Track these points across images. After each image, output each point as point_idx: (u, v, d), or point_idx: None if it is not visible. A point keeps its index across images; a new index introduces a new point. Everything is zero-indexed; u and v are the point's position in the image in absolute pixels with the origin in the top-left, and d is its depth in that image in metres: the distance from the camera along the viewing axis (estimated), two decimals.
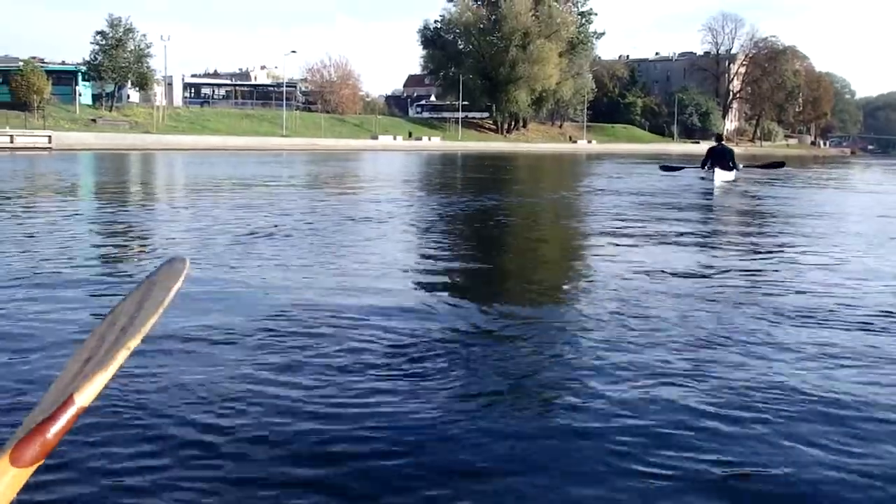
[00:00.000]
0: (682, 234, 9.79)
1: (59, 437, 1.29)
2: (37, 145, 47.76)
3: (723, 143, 23.09)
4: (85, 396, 1.30)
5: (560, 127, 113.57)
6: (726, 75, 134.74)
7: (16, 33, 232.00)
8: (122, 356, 1.33)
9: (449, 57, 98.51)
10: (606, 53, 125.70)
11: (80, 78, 65.84)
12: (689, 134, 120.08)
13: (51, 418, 1.28)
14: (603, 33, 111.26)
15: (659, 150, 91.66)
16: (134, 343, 1.34)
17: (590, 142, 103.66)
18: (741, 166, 22.79)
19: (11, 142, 47.04)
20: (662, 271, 6.71)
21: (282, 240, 8.53)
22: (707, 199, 16.70)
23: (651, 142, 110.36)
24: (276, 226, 9.79)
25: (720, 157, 21.28)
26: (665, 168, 25.84)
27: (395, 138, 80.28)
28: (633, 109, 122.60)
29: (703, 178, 21.00)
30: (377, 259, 7.27)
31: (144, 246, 8.22)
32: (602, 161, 49.01)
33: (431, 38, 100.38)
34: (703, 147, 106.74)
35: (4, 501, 1.27)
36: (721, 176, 20.09)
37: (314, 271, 6.55)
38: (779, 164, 28.08)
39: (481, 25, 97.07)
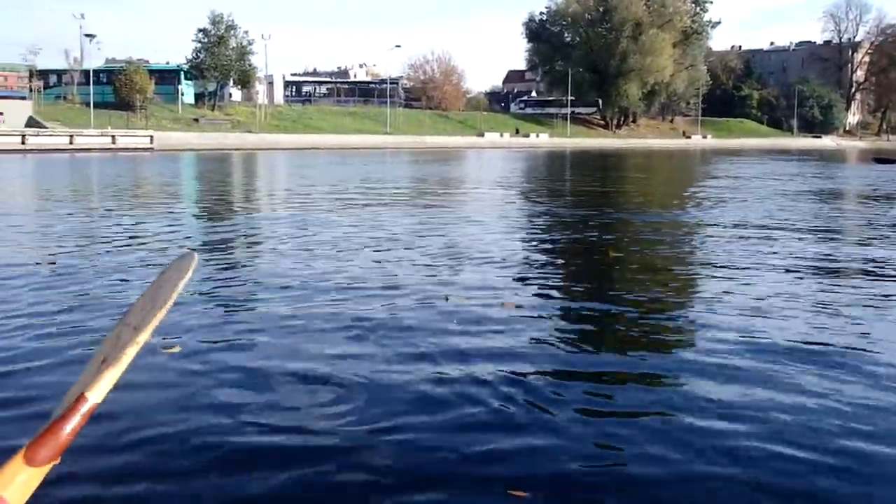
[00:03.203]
0: None
1: (73, 435, 1.29)
2: (138, 146, 46.48)
3: None
4: (96, 393, 1.31)
5: (671, 122, 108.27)
6: (849, 65, 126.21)
7: (122, 37, 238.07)
8: (131, 352, 1.34)
9: (555, 50, 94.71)
10: (718, 44, 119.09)
11: (182, 77, 64.82)
12: (809, 128, 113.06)
13: (63, 418, 1.29)
14: (718, 22, 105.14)
15: (781, 145, 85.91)
16: (143, 338, 1.36)
17: (705, 137, 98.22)
18: None
19: (113, 142, 45.84)
20: None
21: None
22: None
23: (769, 136, 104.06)
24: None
25: None
26: (880, 161, 22.97)
27: (501, 135, 77.10)
28: (749, 102, 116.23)
29: None
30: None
31: None
32: (733, 158, 44.20)
33: (537, 31, 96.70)
34: (825, 142, 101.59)
35: (20, 501, 1.26)
36: None
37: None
38: None
39: (589, 16, 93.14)
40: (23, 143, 41.68)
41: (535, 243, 8.56)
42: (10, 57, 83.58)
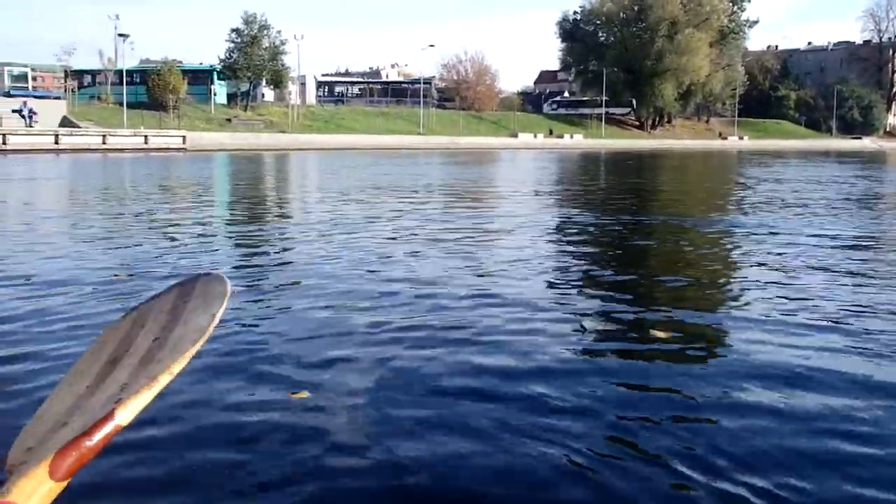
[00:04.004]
0: None
1: (96, 452, 1.26)
2: (171, 146, 46.25)
3: None
4: (126, 415, 1.27)
5: (707, 122, 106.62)
6: (890, 65, 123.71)
7: (156, 38, 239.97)
8: (165, 379, 1.31)
9: (589, 50, 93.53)
10: (754, 44, 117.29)
11: (215, 77, 64.60)
12: (849, 129, 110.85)
13: (89, 433, 1.25)
14: (756, 21, 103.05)
15: (820, 147, 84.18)
16: (177, 367, 1.33)
17: (741, 138, 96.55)
18: None
19: (146, 142, 45.60)
20: None
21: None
22: None
23: (807, 137, 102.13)
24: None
25: None
26: None
27: (535, 136, 76.21)
28: (786, 103, 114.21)
29: None
30: None
31: None
32: (777, 160, 43.02)
33: (571, 31, 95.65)
34: (864, 143, 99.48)
35: None
36: None
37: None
38: None
39: (624, 15, 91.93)
40: (56, 142, 41.48)
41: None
42: (47, 58, 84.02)
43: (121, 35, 58.30)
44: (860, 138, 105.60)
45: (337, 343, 3.88)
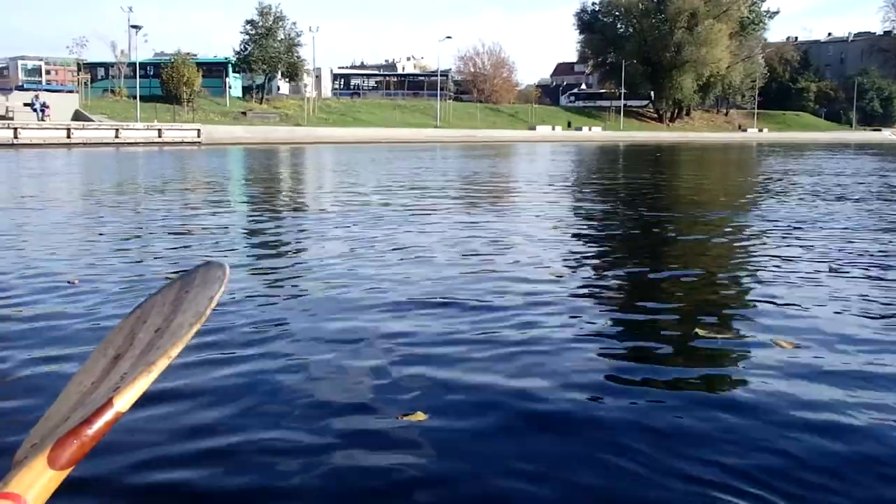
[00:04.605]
0: None
1: (97, 440, 1.27)
2: (185, 139, 45.49)
3: None
4: (124, 402, 1.28)
5: (726, 115, 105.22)
6: None
7: (170, 31, 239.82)
8: (162, 364, 1.32)
9: (608, 41, 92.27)
10: (773, 35, 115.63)
11: (230, 70, 63.83)
12: (869, 121, 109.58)
13: (88, 422, 1.26)
14: (777, 12, 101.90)
15: (841, 139, 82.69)
16: (175, 351, 1.33)
17: (761, 130, 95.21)
18: None
19: (159, 136, 44.87)
20: None
21: None
22: None
23: (827, 130, 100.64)
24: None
25: None
26: None
27: (553, 128, 75.19)
28: (806, 95, 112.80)
29: None
30: None
31: None
32: (799, 152, 41.89)
33: (589, 22, 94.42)
34: (885, 135, 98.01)
35: (40, 503, 1.24)
36: None
37: None
38: None
39: (643, 6, 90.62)
40: (68, 136, 40.74)
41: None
42: (60, 51, 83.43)
43: (133, 26, 57.55)
44: (880, 130, 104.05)
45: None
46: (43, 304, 4.69)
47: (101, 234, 7.97)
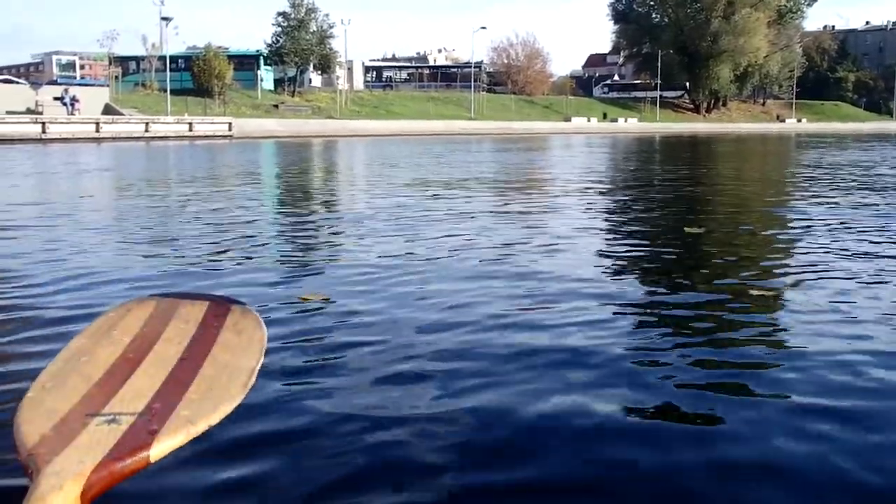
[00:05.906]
0: None
1: (123, 479, 1.26)
2: (216, 133, 44.72)
3: None
4: (158, 452, 1.27)
5: (763, 105, 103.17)
6: None
7: (201, 24, 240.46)
8: (202, 427, 1.29)
9: (643, 31, 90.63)
10: (810, 24, 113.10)
11: (261, 62, 63.03)
12: None
13: (120, 458, 1.24)
14: (815, 0, 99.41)
15: (881, 129, 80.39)
16: (217, 419, 1.31)
17: (799, 120, 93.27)
18: None
19: (190, 129, 44.13)
20: None
21: None
22: None
23: (867, 120, 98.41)
24: None
25: None
26: None
27: (588, 120, 73.90)
28: (844, 85, 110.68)
29: None
30: None
31: None
32: (844, 143, 40.24)
33: (623, 12, 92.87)
34: None
35: None
36: None
37: None
38: None
39: None
40: (97, 130, 39.93)
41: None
42: (94, 46, 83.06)
43: (164, 18, 56.70)
44: None
45: None
46: None
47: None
